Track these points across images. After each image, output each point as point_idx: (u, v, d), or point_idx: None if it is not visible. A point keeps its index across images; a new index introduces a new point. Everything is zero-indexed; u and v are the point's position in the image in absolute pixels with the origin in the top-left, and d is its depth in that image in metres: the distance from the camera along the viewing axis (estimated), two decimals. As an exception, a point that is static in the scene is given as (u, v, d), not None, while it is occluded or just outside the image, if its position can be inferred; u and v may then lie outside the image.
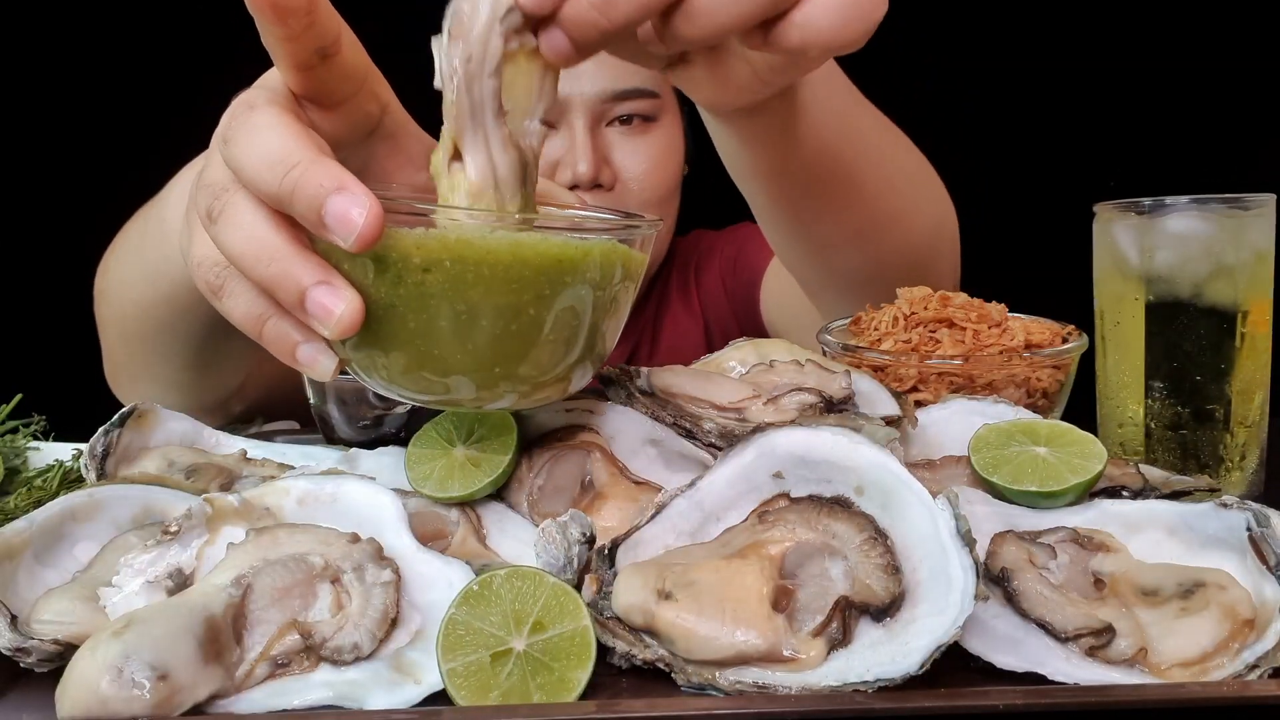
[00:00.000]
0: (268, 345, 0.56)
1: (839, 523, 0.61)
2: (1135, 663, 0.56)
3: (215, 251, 0.55)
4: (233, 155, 0.53)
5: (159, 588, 0.60)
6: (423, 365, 0.57)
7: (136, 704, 0.51)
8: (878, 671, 0.53)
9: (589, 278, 0.56)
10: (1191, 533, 0.63)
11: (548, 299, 0.55)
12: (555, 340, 0.57)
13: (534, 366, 0.58)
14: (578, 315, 0.57)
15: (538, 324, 0.56)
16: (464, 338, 0.55)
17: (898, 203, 0.90)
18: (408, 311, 0.54)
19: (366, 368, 0.58)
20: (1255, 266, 0.79)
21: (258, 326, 0.56)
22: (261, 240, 0.52)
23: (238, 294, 0.55)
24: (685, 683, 0.55)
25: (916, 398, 0.82)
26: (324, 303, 0.52)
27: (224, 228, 0.53)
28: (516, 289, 0.54)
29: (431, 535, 0.67)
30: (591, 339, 0.60)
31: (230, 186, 0.53)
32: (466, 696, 0.53)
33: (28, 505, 0.75)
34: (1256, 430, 0.81)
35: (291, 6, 0.51)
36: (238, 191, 0.53)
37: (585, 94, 1.23)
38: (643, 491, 0.69)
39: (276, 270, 0.52)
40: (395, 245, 0.53)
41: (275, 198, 0.51)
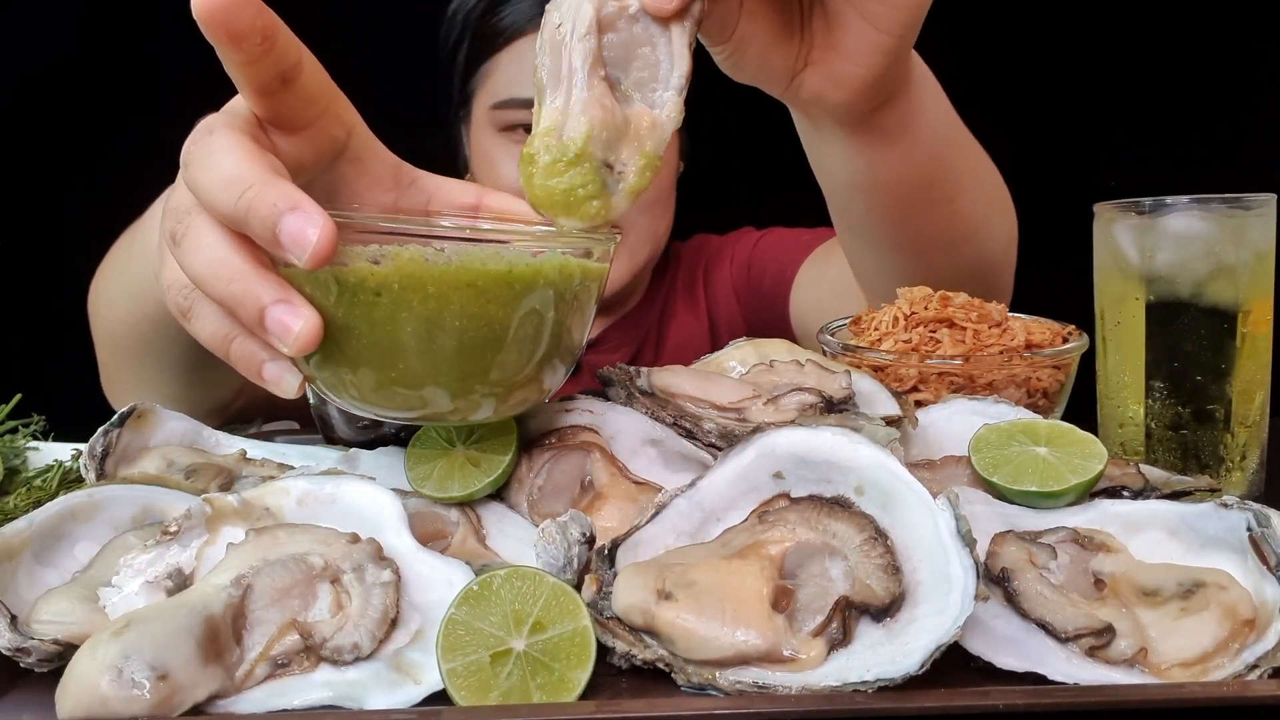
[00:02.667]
0: (235, 364, 0.57)
1: (839, 523, 0.61)
2: (1135, 663, 0.56)
3: (180, 276, 0.56)
4: (192, 178, 0.53)
5: (159, 588, 0.60)
6: (388, 382, 0.57)
7: (136, 704, 0.51)
8: (878, 671, 0.53)
9: (542, 293, 0.57)
10: (1192, 533, 0.63)
11: (501, 315, 0.56)
12: (515, 352, 0.58)
13: (498, 377, 0.58)
14: (535, 327, 0.58)
15: (494, 338, 0.56)
16: (423, 354, 0.56)
17: (985, 212, 0.92)
18: (367, 330, 0.55)
19: (334, 386, 0.59)
20: (1256, 266, 0.79)
21: (225, 346, 0.57)
22: (221, 261, 0.53)
23: (204, 315, 0.56)
24: (685, 683, 0.55)
25: (917, 398, 0.82)
26: (283, 320, 0.53)
27: (186, 250, 0.54)
28: (469, 308, 0.55)
29: (431, 535, 0.67)
30: (554, 346, 0.60)
31: (193, 210, 0.54)
32: (466, 697, 0.53)
33: (27, 505, 0.75)
34: (1257, 430, 0.81)
35: (246, 32, 0.51)
36: (200, 215, 0.54)
37: None
38: (643, 491, 0.69)
39: (237, 289, 0.53)
40: (351, 268, 0.53)
41: (232, 218, 0.52)
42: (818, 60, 0.70)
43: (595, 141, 0.56)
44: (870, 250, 0.96)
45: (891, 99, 0.75)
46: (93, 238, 1.67)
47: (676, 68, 0.55)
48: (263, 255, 0.54)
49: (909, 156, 0.82)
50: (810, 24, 0.69)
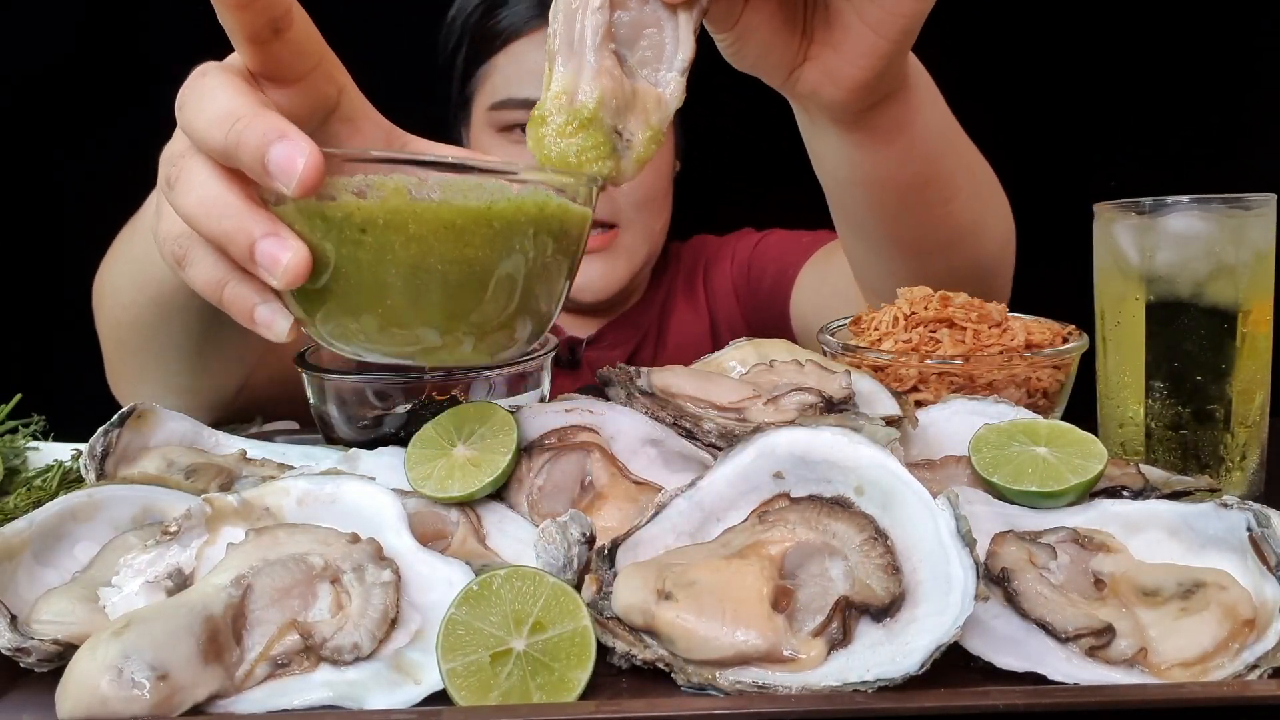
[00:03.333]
0: (228, 308, 0.58)
1: (839, 523, 0.61)
2: (1135, 663, 0.56)
3: (179, 225, 0.58)
4: (186, 120, 0.55)
5: (159, 588, 0.60)
6: (375, 321, 0.57)
7: (136, 704, 0.51)
8: (878, 671, 0.53)
9: (522, 232, 0.56)
10: (1192, 533, 0.63)
11: (483, 255, 0.56)
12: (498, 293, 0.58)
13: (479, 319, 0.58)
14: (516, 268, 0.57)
15: (476, 275, 0.56)
16: (407, 294, 0.56)
17: (981, 211, 0.94)
18: (353, 269, 0.55)
19: (323, 324, 0.59)
20: (1256, 266, 0.79)
21: (218, 291, 0.57)
22: (214, 198, 0.54)
23: (198, 261, 0.57)
24: (685, 683, 0.55)
25: (917, 398, 0.82)
26: (271, 252, 0.53)
27: (180, 192, 0.55)
28: (450, 248, 0.55)
29: (431, 535, 0.67)
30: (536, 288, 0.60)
31: (187, 153, 0.56)
32: (466, 696, 0.53)
33: (27, 505, 0.75)
34: (1257, 430, 0.81)
35: None
36: (194, 157, 0.55)
37: None
38: (643, 491, 0.69)
39: (229, 225, 0.54)
40: (339, 202, 0.54)
41: (223, 152, 0.53)
42: (816, 56, 0.72)
43: (606, 108, 0.57)
44: (869, 248, 0.97)
45: (886, 100, 0.78)
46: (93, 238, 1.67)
47: (681, 50, 0.58)
48: (255, 194, 0.55)
49: (904, 156, 0.84)
50: (812, 21, 0.71)
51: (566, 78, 0.57)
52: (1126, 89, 1.69)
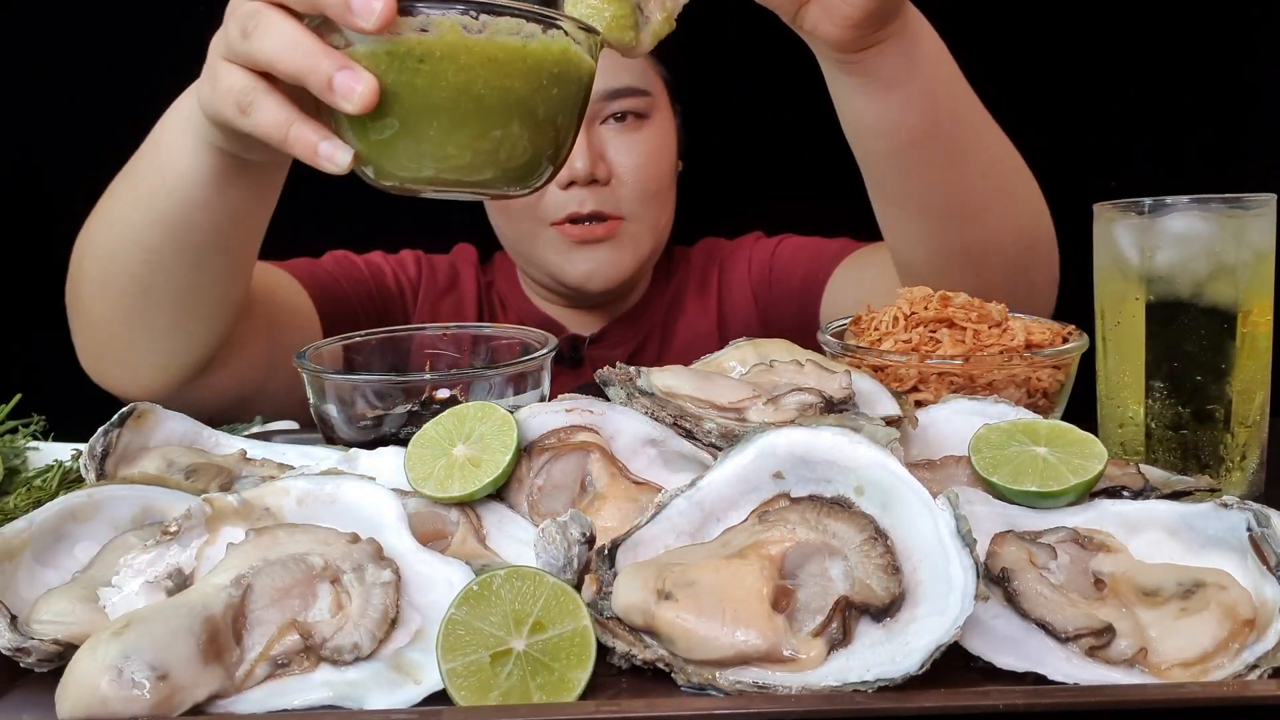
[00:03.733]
0: (292, 147, 0.67)
1: (839, 523, 0.61)
2: (1135, 663, 0.56)
3: (242, 78, 0.68)
4: None
5: (159, 588, 0.60)
6: (422, 142, 0.66)
7: (136, 704, 0.51)
8: (878, 671, 0.53)
9: (549, 70, 0.67)
10: (1192, 533, 0.63)
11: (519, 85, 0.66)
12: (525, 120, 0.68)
13: (508, 137, 0.67)
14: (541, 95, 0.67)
15: (511, 100, 0.66)
16: (453, 115, 0.65)
17: (998, 185, 0.97)
18: (409, 95, 0.64)
19: (376, 150, 0.67)
20: (1256, 266, 0.79)
21: (283, 131, 0.67)
22: (294, 41, 0.64)
23: (265, 106, 0.68)
24: (685, 683, 0.55)
25: (917, 398, 0.82)
26: (348, 83, 0.63)
27: (261, 37, 0.65)
28: (492, 77, 0.65)
29: (431, 535, 0.67)
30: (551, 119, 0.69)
31: (262, 9, 0.66)
32: (466, 696, 0.53)
33: (27, 505, 0.75)
34: (1257, 430, 0.81)
35: None
36: (271, 10, 0.66)
37: None
38: (643, 491, 0.69)
39: (310, 62, 0.63)
40: (403, 38, 0.63)
41: (307, 2, 0.64)
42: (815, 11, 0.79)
43: None
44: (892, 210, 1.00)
45: (885, 45, 0.83)
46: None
47: None
48: None
49: (906, 106, 0.89)
50: None
51: None
52: (1127, 89, 1.69)
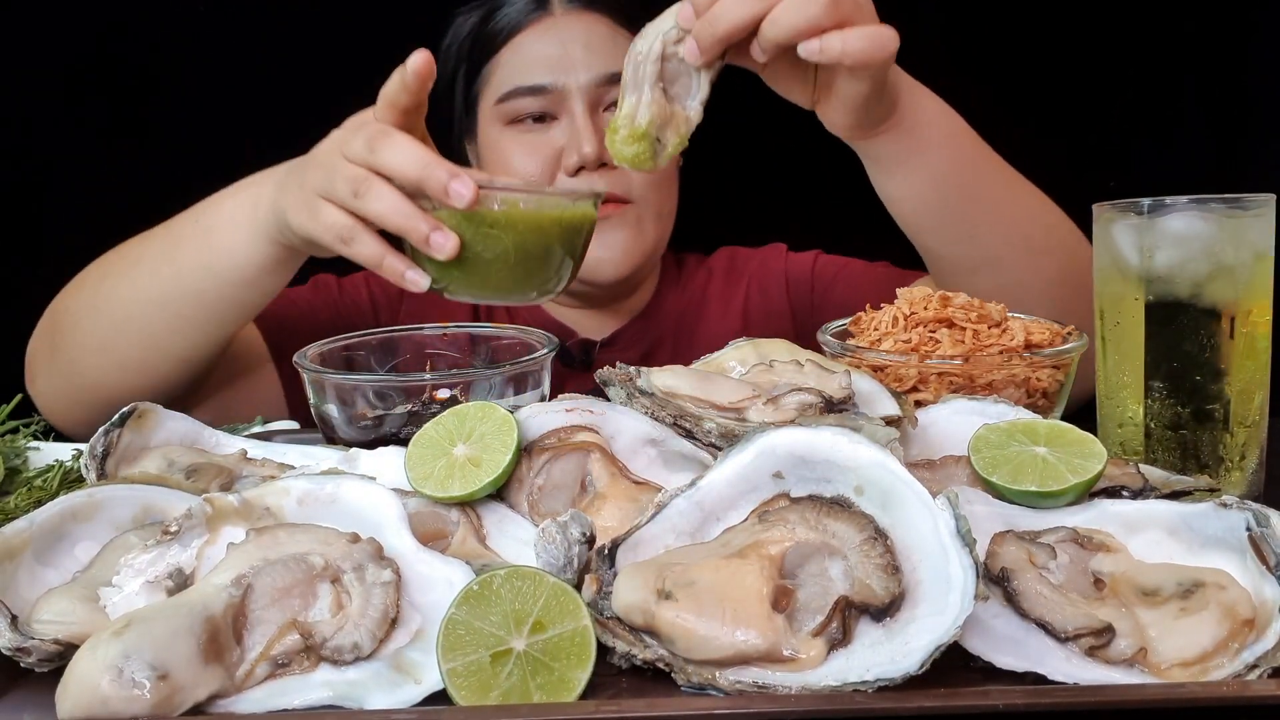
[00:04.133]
0: (385, 272, 0.89)
1: (839, 523, 0.61)
2: (1135, 663, 0.56)
3: (343, 218, 0.89)
4: (379, 155, 0.86)
5: (159, 587, 0.60)
6: (483, 278, 0.89)
7: (137, 703, 0.51)
8: (877, 671, 0.53)
9: (574, 227, 0.91)
10: (1191, 533, 0.63)
11: (556, 242, 0.90)
12: (558, 258, 0.92)
13: (542, 273, 0.91)
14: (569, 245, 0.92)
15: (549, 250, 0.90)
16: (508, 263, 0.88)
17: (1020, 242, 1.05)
18: (479, 247, 0.87)
19: (448, 281, 0.90)
20: (1255, 266, 0.79)
21: (378, 261, 0.89)
22: (398, 207, 0.86)
23: (365, 241, 0.89)
24: (685, 682, 0.55)
25: (916, 398, 0.82)
26: (439, 240, 0.85)
27: (372, 200, 0.86)
28: (538, 234, 0.89)
29: (431, 535, 0.67)
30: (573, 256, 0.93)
31: (368, 177, 0.87)
32: (467, 696, 0.53)
33: (28, 505, 0.75)
34: (1256, 430, 0.81)
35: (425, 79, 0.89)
36: (376, 180, 0.87)
37: (580, 82, 1.27)
38: (643, 491, 0.69)
39: (411, 223, 0.86)
40: (476, 212, 0.86)
41: (416, 180, 0.85)
42: (820, 99, 0.94)
43: (653, 127, 0.89)
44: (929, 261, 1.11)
45: (882, 135, 0.97)
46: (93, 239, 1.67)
47: (700, 91, 0.90)
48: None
49: (910, 182, 1.01)
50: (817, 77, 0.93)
51: (630, 105, 0.89)
52: (1127, 89, 1.69)
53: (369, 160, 0.87)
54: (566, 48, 1.28)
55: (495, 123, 1.31)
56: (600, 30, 1.31)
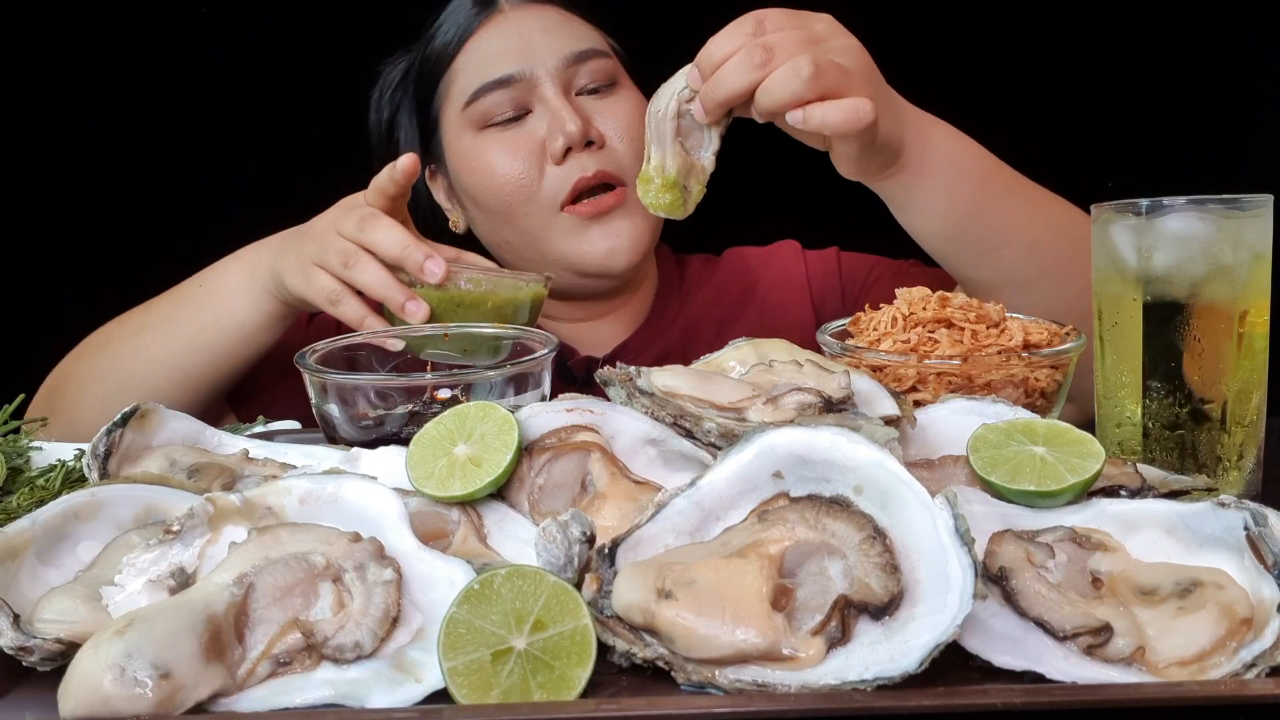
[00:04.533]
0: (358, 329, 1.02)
1: (838, 522, 0.61)
2: (1133, 661, 0.56)
3: (333, 283, 1.04)
4: (368, 234, 1.03)
5: (161, 587, 0.60)
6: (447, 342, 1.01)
7: (139, 702, 0.51)
8: (877, 670, 0.53)
9: (526, 304, 1.08)
10: (1189, 532, 0.63)
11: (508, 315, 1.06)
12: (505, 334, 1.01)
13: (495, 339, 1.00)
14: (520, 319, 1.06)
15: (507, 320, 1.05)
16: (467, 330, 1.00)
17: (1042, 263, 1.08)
18: (445, 316, 1.03)
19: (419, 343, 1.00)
20: (1253, 267, 0.79)
21: (360, 320, 1.04)
22: (382, 278, 1.02)
23: (349, 304, 1.04)
24: (685, 681, 0.55)
25: (915, 398, 0.82)
26: (414, 309, 1.01)
27: (358, 271, 1.02)
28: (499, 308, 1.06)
29: (432, 534, 0.67)
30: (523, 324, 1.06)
31: (357, 251, 1.03)
32: (467, 695, 0.53)
33: (30, 505, 0.76)
34: (1254, 430, 0.81)
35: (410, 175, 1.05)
36: (364, 254, 1.03)
37: (548, 65, 1.24)
38: (643, 491, 0.69)
39: (391, 293, 1.02)
40: (449, 291, 1.03)
41: (394, 258, 1.02)
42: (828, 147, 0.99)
43: (680, 175, 1.00)
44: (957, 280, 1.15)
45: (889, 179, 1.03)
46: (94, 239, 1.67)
47: (711, 144, 1.00)
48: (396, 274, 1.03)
49: (923, 216, 1.06)
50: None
51: (658, 157, 0.99)
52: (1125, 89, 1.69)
53: (359, 237, 1.02)
54: (524, 36, 1.26)
55: (467, 131, 1.27)
56: (554, 17, 1.29)
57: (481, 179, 1.27)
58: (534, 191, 1.24)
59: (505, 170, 1.24)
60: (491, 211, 1.29)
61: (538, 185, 1.24)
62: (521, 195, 1.25)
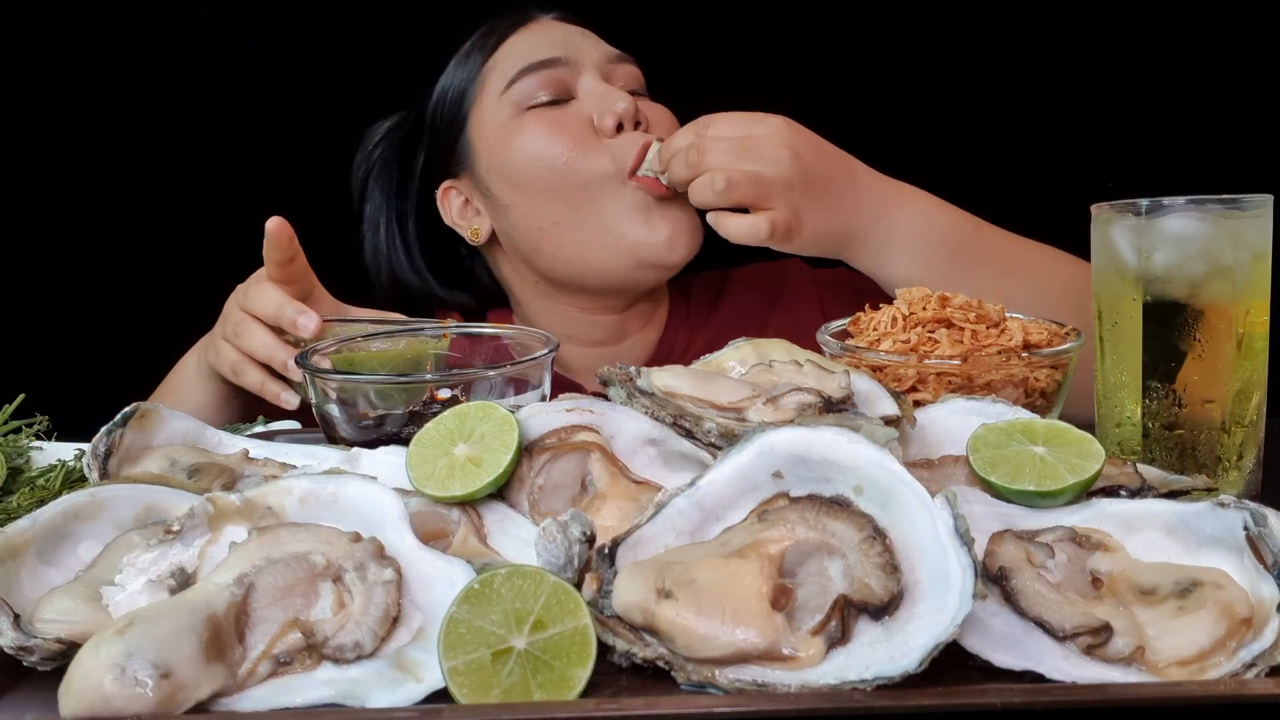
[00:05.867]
0: (262, 393, 1.08)
1: (838, 522, 0.61)
2: (1133, 661, 0.56)
3: (233, 354, 1.08)
4: (249, 302, 1.06)
5: (161, 586, 0.60)
6: None
7: (139, 702, 0.51)
8: (876, 670, 0.53)
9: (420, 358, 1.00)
10: (1189, 532, 0.64)
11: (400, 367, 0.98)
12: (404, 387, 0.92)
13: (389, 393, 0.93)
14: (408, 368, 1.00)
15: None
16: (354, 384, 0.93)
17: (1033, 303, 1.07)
18: None
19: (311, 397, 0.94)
20: (1253, 267, 0.79)
21: (259, 387, 1.08)
22: (265, 341, 1.06)
23: (248, 372, 1.08)
24: (685, 681, 0.55)
25: (915, 397, 0.82)
26: (293, 366, 1.02)
27: (245, 338, 1.07)
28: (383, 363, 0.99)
29: (433, 534, 0.67)
30: None
31: (244, 319, 1.07)
32: (468, 695, 0.54)
33: (30, 505, 0.76)
34: (1254, 430, 0.81)
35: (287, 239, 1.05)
36: (251, 321, 1.07)
37: (591, 56, 1.25)
38: (643, 491, 0.70)
39: (272, 354, 1.05)
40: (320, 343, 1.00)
41: (273, 317, 1.05)
42: None
43: None
44: None
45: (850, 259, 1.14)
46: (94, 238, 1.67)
47: None
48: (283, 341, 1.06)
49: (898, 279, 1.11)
50: None
51: None
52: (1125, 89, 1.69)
53: (245, 306, 1.08)
54: (566, 35, 1.27)
55: (505, 111, 1.23)
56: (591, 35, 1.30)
57: (527, 155, 1.21)
58: (590, 158, 1.19)
59: (554, 143, 1.20)
60: (540, 190, 1.22)
61: (592, 155, 1.19)
62: (573, 164, 1.19)
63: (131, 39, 1.62)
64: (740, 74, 1.64)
